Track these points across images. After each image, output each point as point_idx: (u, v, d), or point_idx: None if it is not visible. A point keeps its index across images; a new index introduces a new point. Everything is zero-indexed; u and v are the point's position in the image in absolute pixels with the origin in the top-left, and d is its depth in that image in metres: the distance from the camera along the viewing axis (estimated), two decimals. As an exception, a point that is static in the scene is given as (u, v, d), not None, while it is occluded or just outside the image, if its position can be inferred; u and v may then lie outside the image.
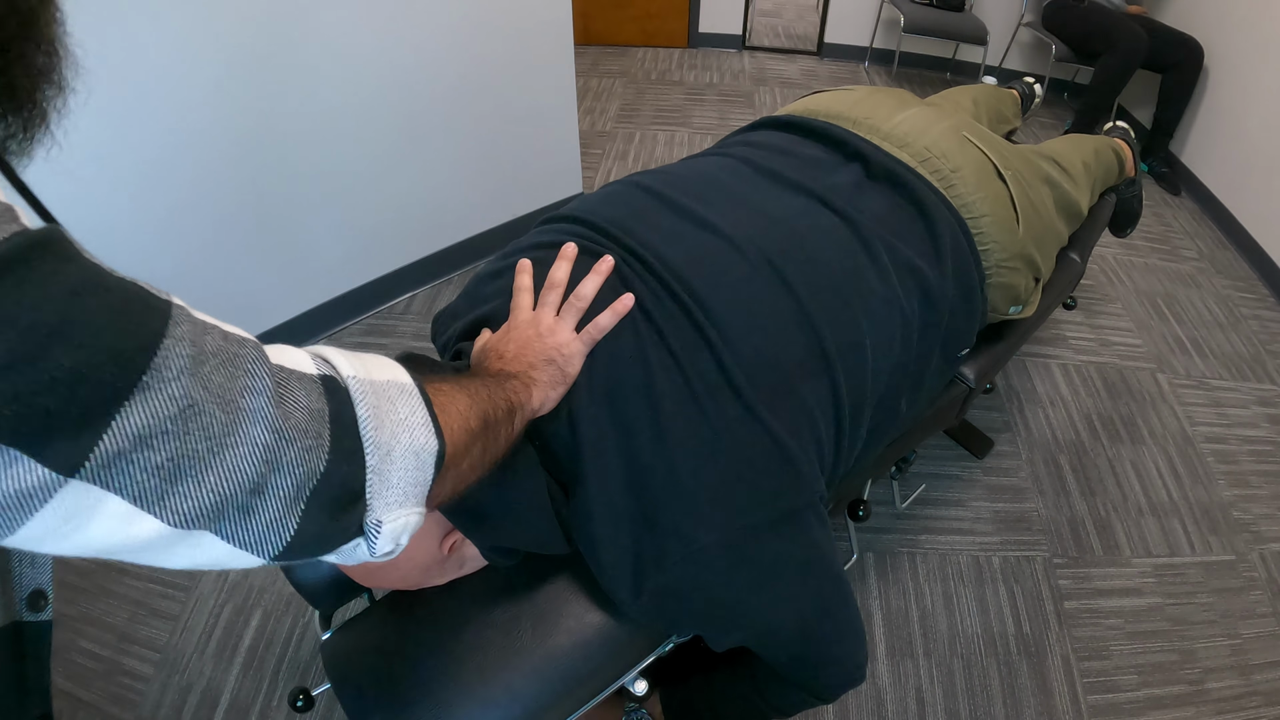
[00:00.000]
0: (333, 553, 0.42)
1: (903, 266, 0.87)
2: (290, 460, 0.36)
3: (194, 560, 0.36)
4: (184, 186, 1.51)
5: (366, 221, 1.90)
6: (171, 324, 0.33)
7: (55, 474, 0.29)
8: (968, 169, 0.99)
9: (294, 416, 0.37)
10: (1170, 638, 1.46)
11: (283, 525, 0.37)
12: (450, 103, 1.88)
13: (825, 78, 3.62)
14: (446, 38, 1.77)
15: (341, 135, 1.72)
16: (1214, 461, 1.83)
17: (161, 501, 0.32)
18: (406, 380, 0.46)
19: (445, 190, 2.03)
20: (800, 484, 0.71)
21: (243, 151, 1.57)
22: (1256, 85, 2.61)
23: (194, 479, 0.33)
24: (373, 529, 0.42)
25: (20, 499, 0.28)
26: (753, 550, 0.68)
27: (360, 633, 0.81)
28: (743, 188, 0.91)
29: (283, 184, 1.67)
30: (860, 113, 1.06)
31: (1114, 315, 2.27)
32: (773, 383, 0.72)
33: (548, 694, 0.74)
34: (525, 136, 2.11)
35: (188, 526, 0.33)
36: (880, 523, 1.60)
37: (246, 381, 0.35)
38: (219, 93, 1.47)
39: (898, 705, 1.32)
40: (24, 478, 0.28)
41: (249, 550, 0.36)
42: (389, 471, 0.42)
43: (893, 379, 0.85)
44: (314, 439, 0.37)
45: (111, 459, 0.30)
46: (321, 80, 1.61)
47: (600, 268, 0.74)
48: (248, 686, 1.30)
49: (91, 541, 0.32)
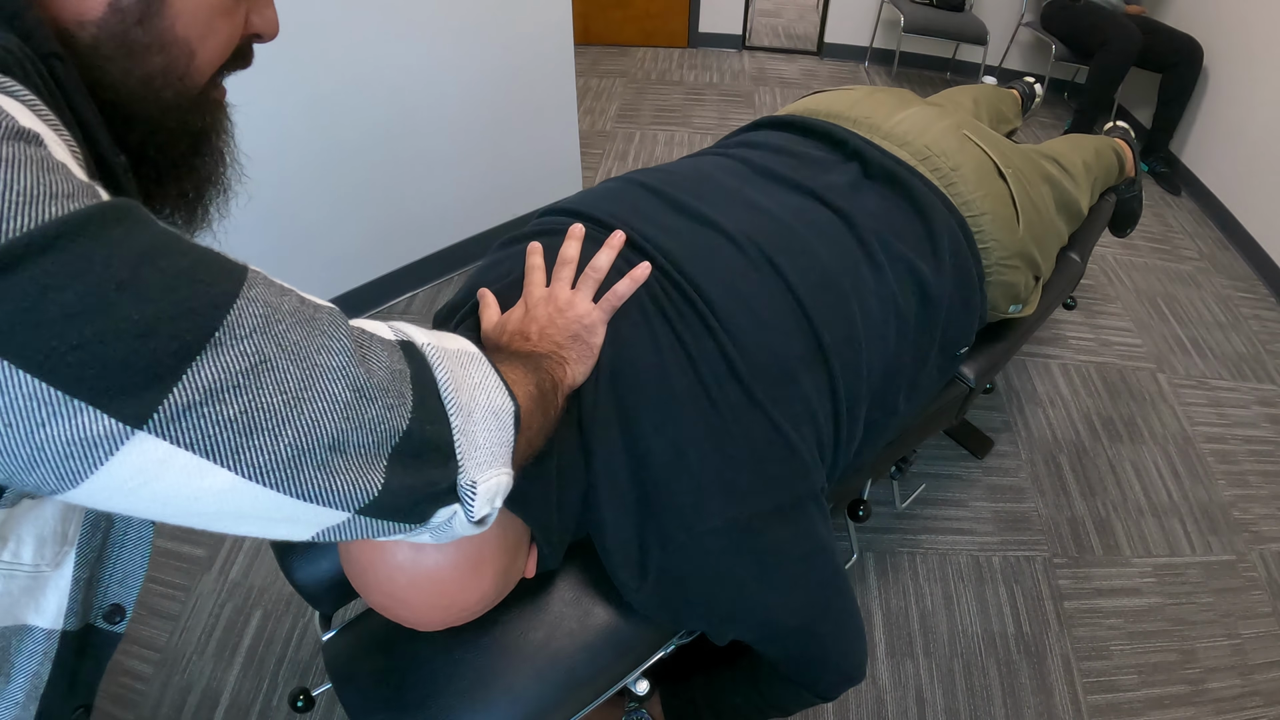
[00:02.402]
0: (426, 524, 0.42)
1: (899, 264, 0.88)
2: (372, 417, 0.36)
3: (269, 517, 0.35)
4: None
5: (366, 221, 1.90)
6: (246, 285, 0.33)
7: (122, 425, 0.29)
8: (968, 167, 1.00)
9: (375, 375, 0.37)
10: (1170, 638, 1.46)
11: (366, 481, 0.36)
12: (450, 102, 1.87)
13: (825, 78, 3.62)
14: (446, 37, 1.77)
15: (340, 135, 1.72)
16: (1214, 461, 1.83)
17: (236, 455, 0.32)
18: (473, 349, 0.47)
19: (445, 190, 2.03)
20: (803, 473, 0.72)
21: (242, 151, 1.56)
22: (1256, 85, 2.61)
23: (270, 432, 0.33)
24: (468, 491, 0.42)
25: (85, 449, 0.29)
26: (755, 538, 0.69)
27: (362, 633, 0.81)
28: (741, 185, 0.91)
29: (282, 184, 1.67)
30: (860, 112, 1.06)
31: (1114, 315, 2.27)
32: (774, 374, 0.73)
33: (550, 695, 0.74)
34: (525, 136, 2.11)
35: (263, 481, 0.33)
36: (880, 523, 1.60)
37: (323, 340, 0.35)
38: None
39: (897, 705, 1.32)
40: (89, 427, 0.28)
41: (330, 505, 0.36)
42: (474, 432, 0.42)
43: (888, 375, 0.86)
44: (396, 397, 0.38)
45: (181, 412, 0.30)
46: (320, 80, 1.61)
47: (613, 241, 0.74)
48: (248, 686, 1.30)
49: (161, 497, 0.32)
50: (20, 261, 0.27)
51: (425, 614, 0.60)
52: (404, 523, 0.40)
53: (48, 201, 0.28)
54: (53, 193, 0.29)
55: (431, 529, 0.42)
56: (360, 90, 1.69)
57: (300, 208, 1.74)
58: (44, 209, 0.28)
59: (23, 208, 0.27)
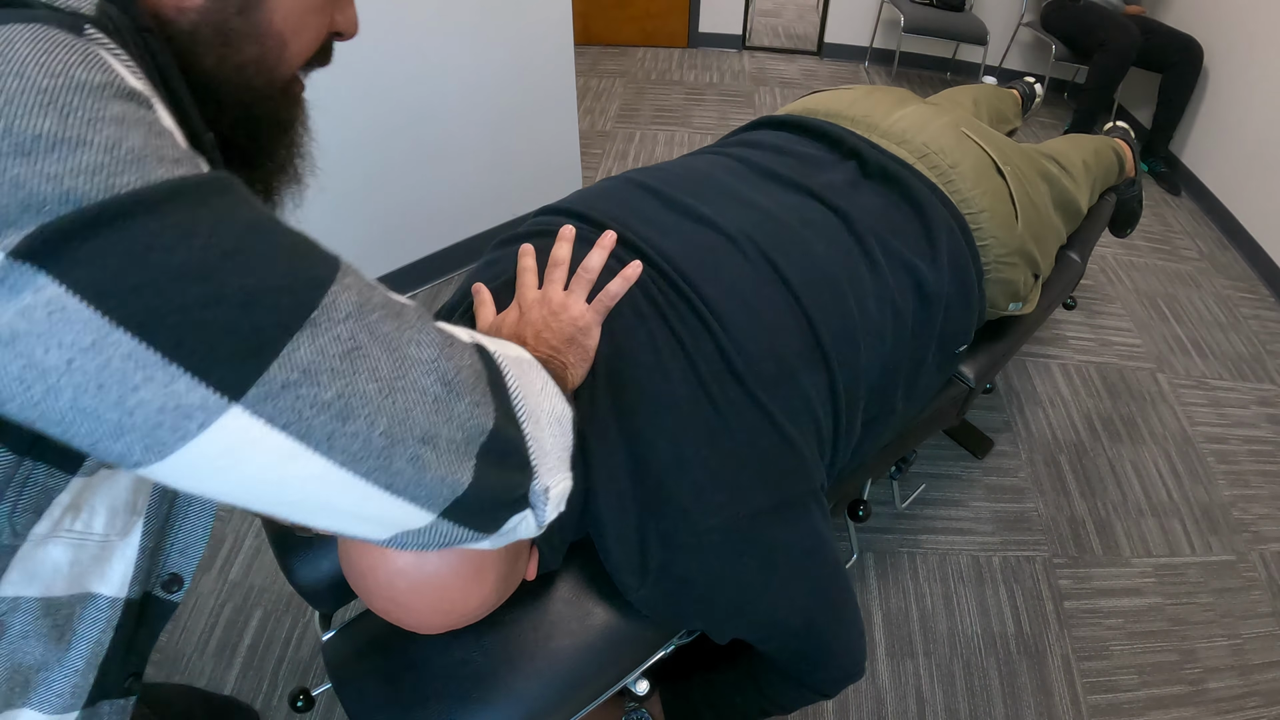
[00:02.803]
0: (499, 529, 0.41)
1: (897, 262, 0.88)
2: (460, 413, 0.36)
3: (353, 512, 0.34)
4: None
5: (365, 221, 1.90)
6: (340, 273, 0.33)
7: (217, 395, 0.28)
8: (966, 165, 1.00)
9: (462, 372, 0.37)
10: (1170, 638, 1.46)
11: (455, 478, 0.36)
12: (450, 102, 1.87)
13: (825, 78, 3.62)
14: (445, 37, 1.77)
15: (340, 135, 1.71)
16: (1214, 461, 1.83)
17: (329, 440, 0.31)
18: (529, 355, 0.47)
19: (445, 190, 2.03)
20: (803, 471, 0.72)
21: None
22: (1256, 85, 2.61)
23: (365, 419, 0.32)
24: (541, 496, 0.41)
25: (177, 419, 0.28)
26: (756, 535, 0.69)
27: (362, 634, 0.81)
28: (738, 184, 0.91)
29: (283, 184, 1.67)
30: (858, 111, 1.06)
31: (1114, 315, 2.27)
32: (773, 372, 0.73)
33: (550, 695, 0.74)
34: (525, 136, 2.11)
35: (354, 470, 0.32)
36: (880, 523, 1.60)
37: (413, 334, 0.35)
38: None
39: (897, 705, 1.32)
40: (184, 395, 0.27)
41: (417, 502, 0.35)
42: (543, 438, 0.42)
43: (886, 373, 0.86)
44: (481, 396, 0.38)
45: (278, 390, 0.29)
46: (318, 80, 1.60)
47: (604, 241, 0.73)
48: (248, 686, 1.30)
49: (247, 479, 0.31)
50: (127, 217, 0.26)
51: (427, 618, 0.60)
52: (478, 530, 0.39)
53: (155, 163, 0.28)
54: (160, 156, 0.28)
55: (495, 536, 0.41)
56: (359, 91, 1.69)
57: (300, 208, 1.73)
58: (151, 170, 0.27)
59: (130, 165, 0.27)
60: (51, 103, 0.26)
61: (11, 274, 0.25)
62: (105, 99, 0.28)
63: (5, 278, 0.25)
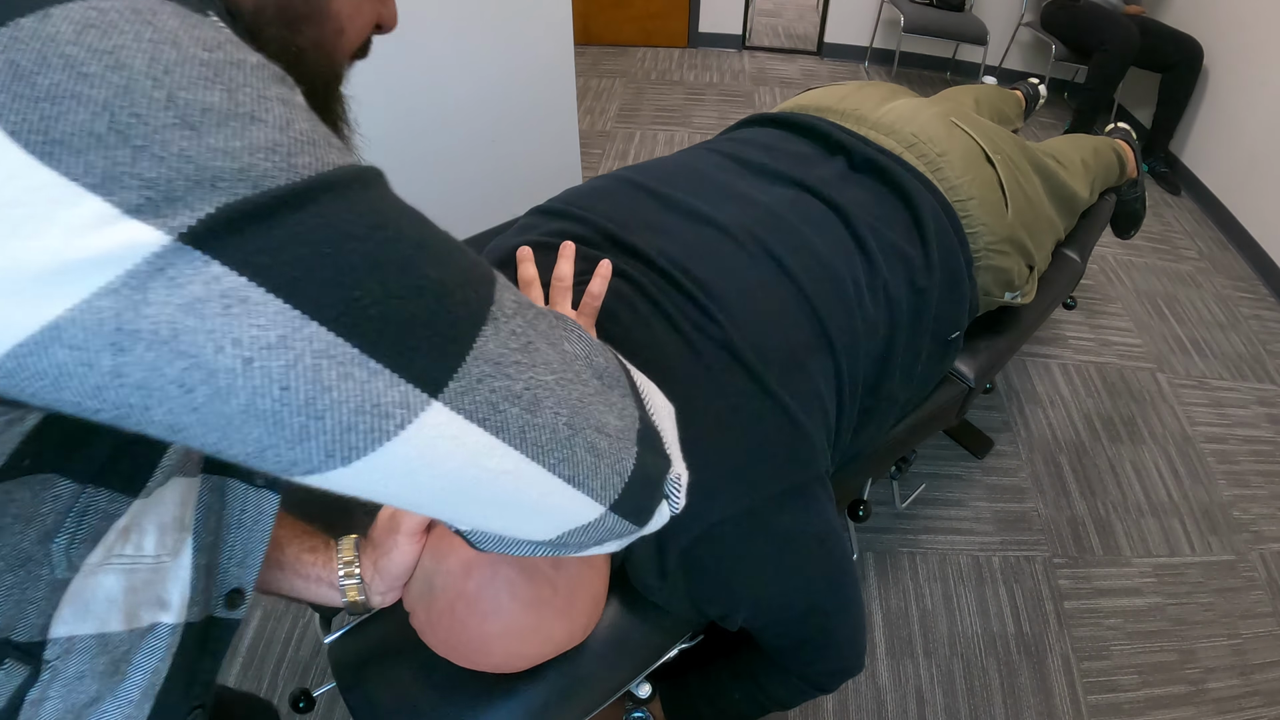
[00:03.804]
0: (650, 520, 0.40)
1: (891, 253, 0.89)
2: (616, 403, 0.36)
3: (534, 505, 0.33)
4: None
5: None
6: (494, 270, 0.32)
7: (418, 391, 0.26)
8: (955, 153, 1.00)
9: (610, 365, 0.37)
10: (1170, 638, 1.46)
11: (624, 466, 0.35)
12: (449, 102, 1.87)
13: (825, 78, 3.62)
14: (445, 38, 1.77)
15: (342, 135, 1.71)
16: (1214, 461, 1.83)
17: (523, 433, 0.30)
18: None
19: (444, 190, 2.02)
20: (811, 457, 0.73)
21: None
22: (1256, 85, 2.61)
23: (550, 410, 0.31)
24: (674, 484, 0.41)
25: (374, 419, 0.25)
26: (769, 523, 0.70)
27: (368, 637, 0.81)
28: (732, 180, 0.92)
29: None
30: (848, 105, 1.07)
31: (1114, 315, 2.27)
32: (783, 361, 0.74)
33: (555, 702, 0.74)
34: (525, 136, 2.11)
35: (543, 461, 0.31)
36: (880, 523, 1.60)
37: (564, 331, 0.35)
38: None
39: (897, 705, 1.32)
40: (384, 393, 0.25)
41: (592, 494, 0.34)
42: (666, 429, 0.41)
43: (882, 362, 0.87)
44: (626, 388, 0.38)
45: (475, 383, 0.28)
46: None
47: (565, 251, 0.73)
48: (248, 686, 1.30)
49: (444, 479, 0.29)
50: (313, 201, 0.24)
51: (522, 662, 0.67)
52: (634, 523, 0.38)
53: (326, 148, 0.26)
54: (329, 141, 0.26)
55: (643, 529, 0.40)
56: (358, 90, 1.68)
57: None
58: (325, 154, 0.25)
59: (305, 147, 0.25)
60: (217, 76, 0.24)
61: (176, 262, 0.22)
62: (265, 79, 0.25)
63: (166, 266, 0.22)
